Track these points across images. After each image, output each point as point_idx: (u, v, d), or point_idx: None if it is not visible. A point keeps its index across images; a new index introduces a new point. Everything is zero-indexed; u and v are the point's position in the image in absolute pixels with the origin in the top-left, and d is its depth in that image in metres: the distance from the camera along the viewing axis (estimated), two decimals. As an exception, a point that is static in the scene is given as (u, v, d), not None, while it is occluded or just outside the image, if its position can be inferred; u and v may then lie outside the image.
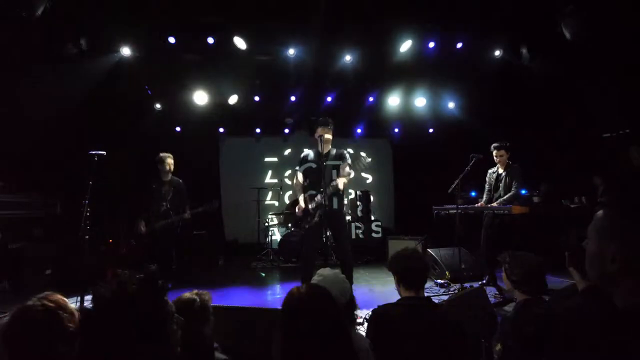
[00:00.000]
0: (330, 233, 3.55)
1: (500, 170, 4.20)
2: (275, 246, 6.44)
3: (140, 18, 4.48)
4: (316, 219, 3.33)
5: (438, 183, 4.74)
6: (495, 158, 4.18)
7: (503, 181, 4.13)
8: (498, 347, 1.64)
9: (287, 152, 8.00)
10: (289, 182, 7.78)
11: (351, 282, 2.67)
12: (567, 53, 4.69)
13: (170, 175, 4.41)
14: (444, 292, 4.00)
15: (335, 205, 3.40)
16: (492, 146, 4.17)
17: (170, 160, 4.39)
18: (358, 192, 7.18)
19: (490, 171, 4.34)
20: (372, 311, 1.78)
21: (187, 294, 1.58)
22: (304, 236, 3.65)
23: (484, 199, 4.33)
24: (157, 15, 4.44)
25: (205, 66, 5.46)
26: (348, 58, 5.32)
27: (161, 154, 4.39)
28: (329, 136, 3.51)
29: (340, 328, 1.13)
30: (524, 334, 1.46)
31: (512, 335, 1.57)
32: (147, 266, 0.91)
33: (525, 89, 5.59)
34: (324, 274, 1.65)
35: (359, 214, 7.08)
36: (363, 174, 8.44)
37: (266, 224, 6.52)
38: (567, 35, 4.36)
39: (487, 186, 4.35)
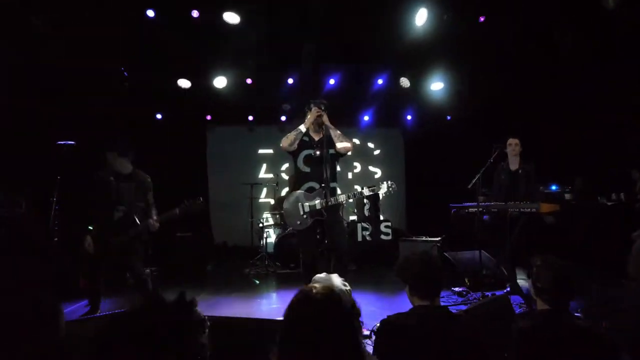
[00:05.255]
0: (325, 228, 3.54)
1: (513, 167, 4.18)
2: (270, 250, 6.45)
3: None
4: (309, 220, 3.35)
5: (456, 178, 4.73)
6: (509, 148, 4.16)
7: (523, 179, 4.12)
8: None
9: (283, 143, 8.00)
10: (286, 177, 7.79)
11: (344, 275, 2.64)
12: (606, 28, 4.63)
13: (130, 166, 3.48)
14: (462, 301, 4.01)
15: (332, 202, 3.41)
16: (510, 135, 4.17)
17: (112, 159, 3.41)
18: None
19: (500, 167, 4.31)
20: (381, 322, 1.78)
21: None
22: (299, 240, 3.66)
23: (494, 200, 4.32)
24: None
25: (189, 44, 5.44)
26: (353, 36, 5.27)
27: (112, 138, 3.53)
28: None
29: (354, 344, 1.09)
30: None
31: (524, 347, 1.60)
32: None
33: (556, 70, 5.55)
34: (318, 278, 1.67)
35: (366, 213, 7.07)
36: (371, 168, 8.44)
37: (260, 225, 6.54)
38: (608, 6, 4.27)
39: (496, 185, 4.33)
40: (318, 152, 3.44)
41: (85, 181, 3.47)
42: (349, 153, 3.57)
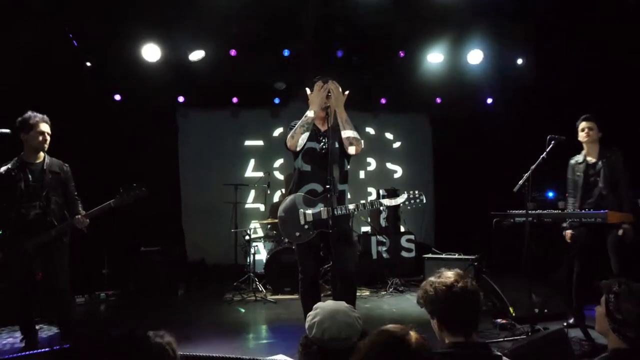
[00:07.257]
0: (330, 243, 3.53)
1: (591, 159, 4.18)
2: (259, 269, 6.47)
3: None
4: (312, 232, 3.36)
5: (499, 178, 4.73)
6: (580, 135, 4.17)
7: (602, 173, 4.11)
8: None
9: (277, 132, 8.02)
10: (281, 177, 7.81)
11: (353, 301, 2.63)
12: None
13: (45, 155, 3.72)
14: (506, 336, 4.01)
15: (341, 212, 3.43)
16: (582, 118, 4.18)
17: (46, 127, 3.66)
18: (382, 192, 7.18)
19: (573, 161, 4.32)
20: (402, 364, 1.79)
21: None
22: (297, 257, 3.68)
23: (570, 203, 4.32)
24: None
25: (157, 6, 5.46)
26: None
27: (30, 115, 3.63)
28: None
29: None
30: None
31: None
32: None
33: (634, 37, 5.50)
34: (320, 306, 1.69)
35: (384, 223, 7.09)
36: (389, 165, 8.45)
37: (247, 237, 6.57)
38: None
39: (571, 184, 4.34)
40: (324, 146, 3.43)
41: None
42: (353, 151, 3.50)
